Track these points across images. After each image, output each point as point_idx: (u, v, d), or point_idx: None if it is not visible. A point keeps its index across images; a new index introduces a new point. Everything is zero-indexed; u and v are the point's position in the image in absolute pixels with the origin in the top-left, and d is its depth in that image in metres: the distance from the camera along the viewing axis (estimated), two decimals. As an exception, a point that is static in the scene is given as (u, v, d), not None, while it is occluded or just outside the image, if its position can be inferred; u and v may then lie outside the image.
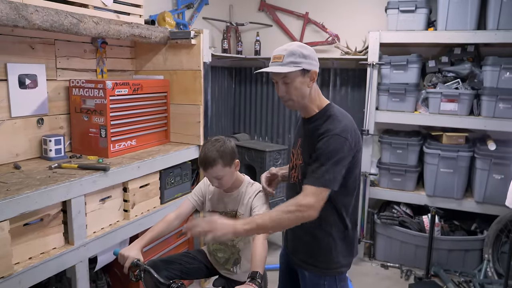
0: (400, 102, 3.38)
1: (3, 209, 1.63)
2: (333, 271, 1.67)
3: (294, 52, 1.54)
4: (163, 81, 2.86)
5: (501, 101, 3.06)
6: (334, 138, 1.51)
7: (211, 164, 1.73)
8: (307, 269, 1.70)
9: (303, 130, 1.69)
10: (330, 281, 1.67)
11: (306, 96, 1.60)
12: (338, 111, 1.63)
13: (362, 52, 3.60)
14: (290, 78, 1.55)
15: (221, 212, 1.88)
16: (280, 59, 1.54)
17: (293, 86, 1.56)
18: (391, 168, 3.48)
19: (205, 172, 1.79)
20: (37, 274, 1.81)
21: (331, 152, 1.49)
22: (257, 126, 4.46)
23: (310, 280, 1.70)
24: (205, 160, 1.74)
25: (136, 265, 1.62)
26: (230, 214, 1.86)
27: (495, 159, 3.09)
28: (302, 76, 1.56)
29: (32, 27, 1.96)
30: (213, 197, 1.92)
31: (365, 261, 3.58)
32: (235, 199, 1.86)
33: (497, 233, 3.09)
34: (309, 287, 1.72)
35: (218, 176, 1.76)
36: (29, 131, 2.32)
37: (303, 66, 1.54)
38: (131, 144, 2.58)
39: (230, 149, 1.79)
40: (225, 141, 1.80)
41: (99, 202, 2.17)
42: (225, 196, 1.89)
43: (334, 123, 1.56)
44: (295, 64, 1.53)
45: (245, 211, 1.83)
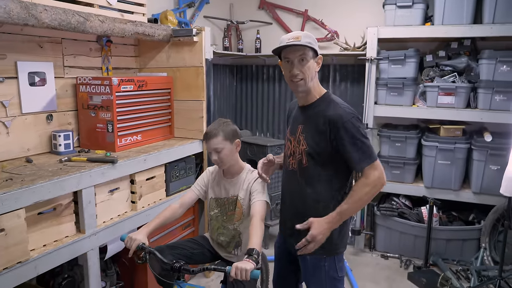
0: (398, 96, 3.46)
1: (19, 197, 1.73)
2: (333, 253, 1.76)
3: (309, 35, 1.68)
4: (166, 78, 2.95)
5: (497, 94, 3.14)
6: (351, 121, 1.64)
7: (214, 134, 1.86)
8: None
9: (303, 117, 1.77)
10: (330, 262, 1.76)
11: (313, 78, 1.72)
12: (337, 98, 1.77)
13: (361, 48, 3.68)
14: (307, 56, 1.66)
15: (223, 198, 1.96)
16: (298, 39, 1.65)
17: (307, 65, 1.67)
18: (390, 161, 3.56)
19: (206, 144, 1.89)
20: (51, 260, 1.91)
21: (358, 133, 1.63)
22: (258, 122, 4.54)
23: (311, 263, 1.79)
24: (208, 132, 1.88)
25: (142, 248, 1.70)
26: (231, 199, 1.94)
27: (492, 150, 3.16)
28: (314, 57, 1.68)
29: (42, 25, 2.05)
30: (215, 184, 2.00)
31: (365, 252, 3.66)
32: (236, 184, 1.95)
33: (494, 222, 3.17)
34: (310, 269, 1.80)
35: (217, 149, 1.85)
36: (39, 127, 2.41)
37: (315, 47, 1.67)
38: (137, 139, 2.67)
39: (232, 127, 1.93)
40: (229, 122, 1.95)
41: (108, 193, 2.26)
42: (226, 182, 1.98)
43: (341, 107, 1.69)
44: (311, 44, 1.65)
45: (245, 196, 1.92)
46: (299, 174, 1.76)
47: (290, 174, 1.82)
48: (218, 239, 2.00)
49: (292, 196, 1.81)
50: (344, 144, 1.64)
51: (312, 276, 1.80)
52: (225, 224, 1.96)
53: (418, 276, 3.13)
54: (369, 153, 1.64)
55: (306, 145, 1.72)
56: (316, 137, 1.69)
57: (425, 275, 3.13)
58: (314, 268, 1.79)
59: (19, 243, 1.74)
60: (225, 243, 2.03)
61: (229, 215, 1.95)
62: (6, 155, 2.22)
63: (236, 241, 2.01)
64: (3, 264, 1.69)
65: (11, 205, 1.70)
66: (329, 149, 1.67)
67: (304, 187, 1.75)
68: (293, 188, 1.81)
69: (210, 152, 1.90)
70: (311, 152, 1.71)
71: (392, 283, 3.14)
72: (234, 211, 1.93)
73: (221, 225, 1.97)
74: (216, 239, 2.04)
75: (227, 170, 1.98)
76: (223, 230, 1.99)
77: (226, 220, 1.96)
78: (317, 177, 1.72)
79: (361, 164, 1.64)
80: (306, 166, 1.73)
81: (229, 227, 1.96)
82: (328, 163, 1.70)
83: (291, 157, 1.80)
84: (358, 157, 1.63)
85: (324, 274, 1.77)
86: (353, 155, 1.64)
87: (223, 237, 1.98)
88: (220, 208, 1.97)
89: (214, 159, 1.89)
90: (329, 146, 1.67)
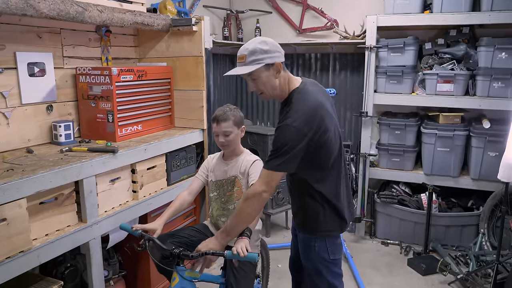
0: (397, 84, 3.46)
1: (20, 187, 1.74)
2: (322, 234, 1.80)
3: (254, 50, 1.64)
4: (166, 68, 2.95)
5: (495, 81, 3.14)
6: (289, 127, 1.60)
7: (225, 118, 1.94)
8: (301, 231, 1.87)
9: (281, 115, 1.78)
10: (320, 243, 1.80)
11: (276, 87, 1.71)
12: (300, 97, 1.68)
13: (360, 36, 3.67)
14: (256, 75, 1.66)
15: (221, 180, 2.02)
16: (243, 59, 1.65)
17: (261, 81, 1.68)
18: (390, 148, 3.58)
19: (217, 126, 1.94)
20: (53, 249, 1.93)
21: (279, 141, 1.61)
22: (259, 112, 4.55)
23: (303, 241, 1.86)
24: (221, 115, 1.95)
25: (141, 236, 1.73)
26: (230, 180, 2.00)
27: (490, 137, 3.18)
28: (267, 70, 1.66)
29: (40, 15, 2.04)
30: (215, 168, 2.06)
31: (366, 239, 3.70)
32: (235, 165, 2.01)
33: (492, 208, 3.20)
34: (302, 247, 1.88)
35: (227, 132, 1.93)
36: (39, 117, 2.42)
37: (265, 62, 1.64)
38: (137, 128, 2.68)
39: (240, 114, 2.03)
40: (236, 108, 2.03)
41: (109, 182, 2.27)
42: (225, 165, 2.04)
43: (291, 112, 1.64)
44: (257, 62, 1.63)
45: (243, 176, 1.98)
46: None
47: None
48: (219, 220, 2.03)
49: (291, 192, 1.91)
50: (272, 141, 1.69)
51: (304, 254, 1.88)
52: (224, 205, 2.00)
53: (417, 262, 3.17)
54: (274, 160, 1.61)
55: None
56: None
57: (425, 261, 3.17)
58: (305, 245, 1.86)
59: (21, 232, 1.76)
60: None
61: (227, 195, 2.00)
62: (6, 146, 2.23)
63: None
64: (5, 254, 1.71)
65: (13, 195, 1.71)
66: None
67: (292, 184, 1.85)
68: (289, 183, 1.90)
69: (218, 134, 1.96)
70: None
71: (392, 269, 3.18)
72: (233, 191, 1.99)
73: (220, 206, 2.02)
74: (216, 221, 2.07)
75: (227, 153, 2.03)
76: (223, 212, 2.03)
77: (225, 201, 2.01)
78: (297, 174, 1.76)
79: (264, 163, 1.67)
80: None
81: (229, 207, 2.01)
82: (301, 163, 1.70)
83: None
84: (268, 156, 1.65)
85: (314, 254, 1.82)
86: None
87: (224, 217, 2.02)
88: (219, 190, 2.02)
89: (221, 141, 1.95)
90: None
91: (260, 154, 3.68)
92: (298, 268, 2.09)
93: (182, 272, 1.69)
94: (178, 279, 1.68)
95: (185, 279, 1.71)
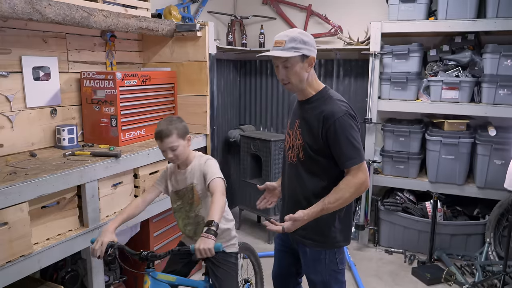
0: (402, 90, 3.45)
1: (22, 191, 1.74)
2: (332, 245, 1.77)
3: (295, 38, 1.64)
4: (170, 73, 2.95)
5: (501, 88, 3.12)
6: (344, 118, 1.63)
7: (167, 134, 1.85)
8: (308, 244, 1.80)
9: (301, 111, 1.78)
10: (330, 255, 1.77)
11: (304, 80, 1.70)
12: (334, 94, 1.75)
13: (365, 43, 3.66)
14: (290, 63, 1.65)
15: (181, 189, 1.97)
16: (282, 44, 1.64)
17: (293, 70, 1.66)
18: (394, 155, 3.55)
19: (161, 143, 1.87)
20: (54, 254, 1.92)
21: (350, 130, 1.63)
22: (262, 117, 4.54)
23: (311, 255, 1.80)
24: (162, 131, 1.86)
25: (111, 245, 1.71)
26: (189, 188, 1.94)
27: (496, 145, 3.15)
28: (302, 61, 1.66)
29: (46, 20, 2.06)
30: (173, 178, 2.00)
31: (369, 247, 3.66)
32: (190, 173, 1.94)
33: (498, 217, 3.15)
34: (310, 261, 1.81)
35: (173, 147, 1.85)
36: (43, 121, 2.42)
37: (303, 52, 1.64)
38: (140, 133, 2.68)
39: (183, 123, 1.94)
40: (178, 118, 1.95)
41: (111, 187, 2.27)
42: (181, 174, 1.96)
43: (336, 104, 1.67)
44: (296, 50, 1.63)
45: (198, 181, 1.92)
46: (297, 167, 1.77)
47: (290, 167, 1.83)
48: (185, 230, 2.00)
49: (292, 189, 1.82)
50: (335, 140, 1.64)
51: (312, 268, 1.81)
52: (188, 213, 1.96)
53: (422, 271, 3.13)
54: (358, 152, 1.63)
55: (302, 139, 1.74)
56: (311, 132, 1.70)
57: (430, 270, 3.13)
58: (314, 260, 1.80)
59: (22, 236, 1.75)
60: (192, 232, 1.99)
61: (189, 203, 1.95)
62: (10, 149, 2.24)
63: (201, 227, 1.91)
64: (6, 258, 1.70)
65: (15, 199, 1.71)
66: (322, 144, 1.67)
67: (302, 180, 1.76)
68: (292, 180, 1.82)
69: (165, 151, 1.89)
70: (306, 147, 1.72)
71: (396, 278, 3.14)
72: (193, 199, 1.94)
73: (186, 215, 1.97)
74: (184, 231, 2.02)
75: (180, 163, 1.97)
76: (187, 220, 1.98)
77: (188, 210, 1.96)
78: (314, 170, 1.73)
79: (349, 162, 1.63)
80: (303, 160, 1.74)
81: (191, 215, 1.96)
82: (323, 158, 1.70)
83: (290, 150, 1.82)
84: (347, 155, 1.63)
85: (324, 267, 1.78)
86: (342, 152, 1.64)
87: (190, 226, 1.98)
88: (182, 200, 1.97)
89: (170, 157, 1.88)
90: (322, 141, 1.67)
91: (263, 160, 3.67)
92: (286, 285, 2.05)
93: (153, 274, 1.69)
94: (150, 281, 1.68)
95: (158, 280, 1.71)
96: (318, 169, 1.73)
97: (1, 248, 1.67)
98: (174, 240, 2.85)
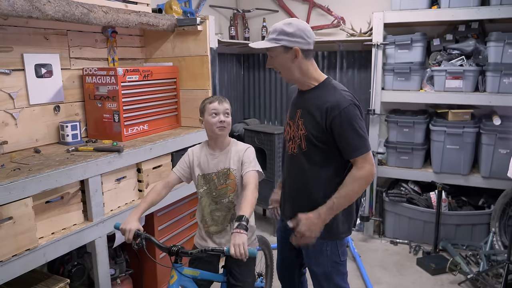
0: (405, 81, 3.42)
1: (26, 186, 1.76)
2: (334, 237, 1.77)
3: (277, 29, 1.66)
4: (172, 68, 2.96)
5: (505, 76, 3.09)
6: (349, 108, 1.63)
7: (225, 100, 1.90)
8: None
9: (302, 101, 1.77)
10: (332, 247, 1.78)
11: (292, 71, 1.70)
12: (337, 84, 1.75)
13: (367, 34, 3.64)
14: (273, 53, 1.69)
15: (210, 173, 1.93)
16: (268, 35, 1.69)
17: (276, 61, 1.70)
18: (398, 146, 3.54)
19: (219, 104, 1.86)
20: (59, 247, 1.95)
21: (355, 120, 1.63)
22: (266, 111, 4.55)
23: (313, 247, 1.79)
24: (220, 96, 1.93)
25: (138, 235, 1.71)
26: (222, 172, 1.91)
27: (501, 134, 3.12)
28: (286, 52, 1.66)
29: (45, 17, 2.07)
30: (202, 161, 1.95)
31: (374, 238, 3.66)
32: (225, 157, 1.91)
33: (504, 206, 3.14)
34: (312, 253, 1.82)
35: (228, 111, 1.88)
36: (47, 118, 2.45)
37: (282, 43, 1.65)
38: (143, 128, 2.69)
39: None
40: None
41: (114, 182, 2.29)
42: (213, 157, 1.93)
43: (341, 94, 1.67)
44: (275, 41, 1.65)
45: (237, 167, 1.88)
46: (298, 158, 1.77)
47: (290, 159, 1.83)
48: (213, 215, 1.95)
49: (292, 181, 1.82)
50: (341, 131, 1.63)
51: (314, 260, 1.82)
52: (217, 199, 1.92)
53: (427, 261, 3.13)
54: (364, 142, 1.64)
55: (304, 129, 1.73)
56: (314, 122, 1.69)
57: (434, 260, 3.13)
58: (316, 253, 1.81)
59: (27, 231, 1.78)
60: (221, 218, 1.95)
61: (219, 189, 1.91)
62: (15, 146, 2.27)
63: (231, 213, 1.95)
64: (12, 251, 1.73)
65: (19, 194, 1.74)
66: (326, 134, 1.67)
67: (304, 172, 1.75)
68: (293, 172, 1.82)
69: (218, 113, 1.85)
70: (310, 137, 1.71)
71: (401, 269, 3.14)
72: (226, 184, 1.90)
73: (213, 201, 1.93)
74: (211, 217, 1.97)
75: (217, 144, 1.93)
76: (216, 206, 1.94)
77: (217, 196, 1.92)
78: (316, 161, 1.72)
79: (355, 152, 1.63)
80: (305, 150, 1.73)
81: (223, 201, 1.92)
82: (327, 147, 1.69)
83: (291, 141, 1.81)
84: (354, 145, 1.63)
85: (326, 259, 1.79)
86: (347, 143, 1.64)
87: (218, 212, 1.94)
88: (209, 184, 1.93)
89: (222, 120, 1.84)
90: (326, 132, 1.66)
91: (267, 153, 3.68)
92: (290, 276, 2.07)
93: (180, 269, 1.69)
94: (177, 276, 1.68)
95: (184, 275, 1.71)
96: (320, 158, 1.72)
97: (6, 242, 1.70)
98: (179, 233, 2.88)
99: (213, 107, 1.87)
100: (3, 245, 1.69)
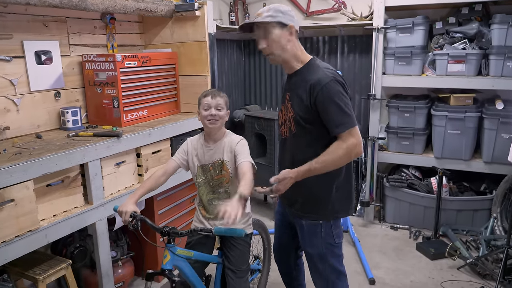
0: (406, 65, 3.39)
1: (26, 170, 1.81)
2: (329, 217, 1.79)
3: (271, 8, 1.71)
4: (170, 54, 2.97)
5: (509, 60, 3.04)
6: (330, 84, 1.63)
7: (219, 94, 1.94)
8: (304, 217, 1.83)
9: (289, 85, 1.80)
10: (326, 228, 1.80)
11: (287, 49, 1.71)
12: (321, 63, 1.76)
13: (368, 18, 3.60)
14: (268, 31, 1.69)
15: (207, 164, 1.99)
16: (260, 14, 1.70)
17: (271, 38, 1.69)
18: (399, 132, 3.52)
19: (211, 99, 1.91)
20: (61, 229, 2.01)
21: (337, 96, 1.63)
22: (267, 97, 4.55)
23: (307, 228, 1.83)
24: (214, 91, 1.96)
25: (133, 216, 1.77)
26: (217, 163, 1.97)
27: (503, 118, 3.09)
28: (281, 29, 1.68)
29: (43, 4, 2.10)
30: (199, 152, 2.01)
31: (375, 223, 3.68)
32: (219, 148, 1.96)
33: (505, 191, 3.12)
34: (306, 234, 1.84)
35: (220, 106, 1.91)
36: (48, 104, 2.49)
37: (278, 19, 1.67)
38: (143, 114, 2.73)
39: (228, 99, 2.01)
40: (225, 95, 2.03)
41: (114, 166, 2.34)
42: (209, 148, 1.98)
43: (323, 71, 1.68)
44: (271, 17, 1.67)
45: (229, 158, 1.94)
46: (290, 141, 1.79)
47: (283, 143, 1.85)
48: (211, 204, 2.02)
49: (286, 164, 1.83)
50: (323, 107, 1.64)
51: (309, 241, 1.84)
52: (214, 188, 1.99)
53: (426, 246, 3.14)
54: (348, 118, 1.63)
55: (293, 111, 1.74)
56: (301, 103, 1.70)
57: (434, 245, 3.14)
58: (310, 233, 1.83)
59: (28, 212, 1.84)
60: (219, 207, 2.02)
61: (216, 179, 1.97)
62: (17, 132, 2.32)
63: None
64: (14, 232, 1.79)
65: (20, 177, 1.79)
66: (312, 113, 1.68)
67: (296, 153, 1.77)
68: (286, 156, 1.84)
69: (210, 107, 1.90)
70: (298, 118, 1.72)
71: (400, 253, 3.16)
72: (222, 175, 1.96)
73: (210, 190, 2.00)
74: (208, 205, 2.03)
75: (210, 136, 1.97)
76: (213, 195, 2.01)
77: (214, 185, 1.98)
78: (306, 142, 1.74)
79: (338, 128, 1.63)
80: (295, 133, 1.75)
81: (219, 190, 1.99)
82: (314, 128, 1.70)
83: (283, 125, 1.83)
84: (336, 121, 1.63)
85: (321, 240, 1.81)
86: (331, 118, 1.64)
87: (216, 201, 2.00)
88: (206, 174, 1.99)
89: (212, 114, 1.89)
90: (311, 110, 1.67)
91: (267, 139, 3.69)
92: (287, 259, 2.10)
93: (173, 249, 1.74)
94: (170, 256, 1.73)
95: (177, 255, 1.76)
96: (311, 139, 1.73)
97: (8, 223, 1.76)
98: (179, 217, 2.93)
99: (206, 101, 1.92)
100: (5, 226, 1.74)
